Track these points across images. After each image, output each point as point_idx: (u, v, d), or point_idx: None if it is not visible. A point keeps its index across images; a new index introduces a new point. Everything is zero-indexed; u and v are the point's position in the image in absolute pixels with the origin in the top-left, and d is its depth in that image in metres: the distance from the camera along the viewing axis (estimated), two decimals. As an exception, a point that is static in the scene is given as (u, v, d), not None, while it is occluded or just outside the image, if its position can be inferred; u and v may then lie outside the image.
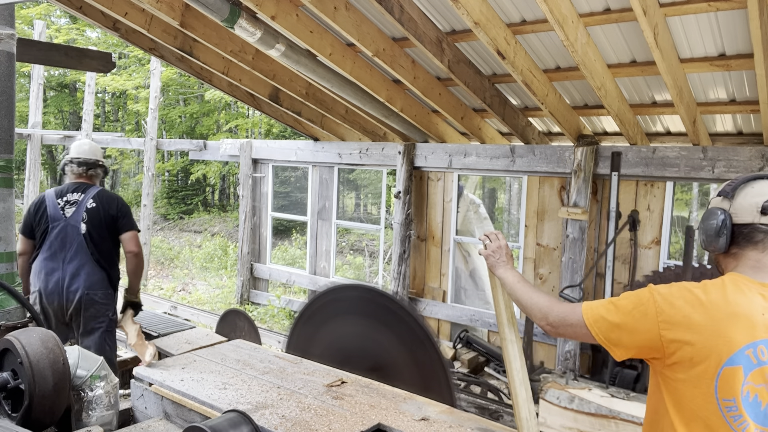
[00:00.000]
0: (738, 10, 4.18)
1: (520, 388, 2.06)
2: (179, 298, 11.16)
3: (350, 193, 21.16)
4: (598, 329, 1.66)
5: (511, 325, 2.14)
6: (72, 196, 4.13)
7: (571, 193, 6.51)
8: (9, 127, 3.11)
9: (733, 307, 1.52)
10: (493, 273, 2.12)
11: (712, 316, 1.52)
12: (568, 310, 1.75)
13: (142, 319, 4.89)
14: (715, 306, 1.53)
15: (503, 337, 2.14)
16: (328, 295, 3.27)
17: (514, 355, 2.09)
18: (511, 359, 2.09)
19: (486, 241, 2.17)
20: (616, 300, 1.69)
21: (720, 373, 1.50)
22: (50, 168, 26.89)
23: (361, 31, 5.37)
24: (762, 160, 5.58)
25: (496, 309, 2.19)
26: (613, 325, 1.64)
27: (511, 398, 2.08)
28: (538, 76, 5.56)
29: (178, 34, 6.51)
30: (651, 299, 1.60)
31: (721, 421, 1.51)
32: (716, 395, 1.51)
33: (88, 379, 2.58)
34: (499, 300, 2.17)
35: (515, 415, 2.07)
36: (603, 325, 1.66)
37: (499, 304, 2.17)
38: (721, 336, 1.50)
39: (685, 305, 1.55)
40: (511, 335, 2.13)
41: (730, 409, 1.50)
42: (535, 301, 1.86)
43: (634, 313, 1.62)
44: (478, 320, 7.66)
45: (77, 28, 21.95)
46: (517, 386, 2.06)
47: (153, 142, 12.84)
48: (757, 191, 1.62)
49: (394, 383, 2.74)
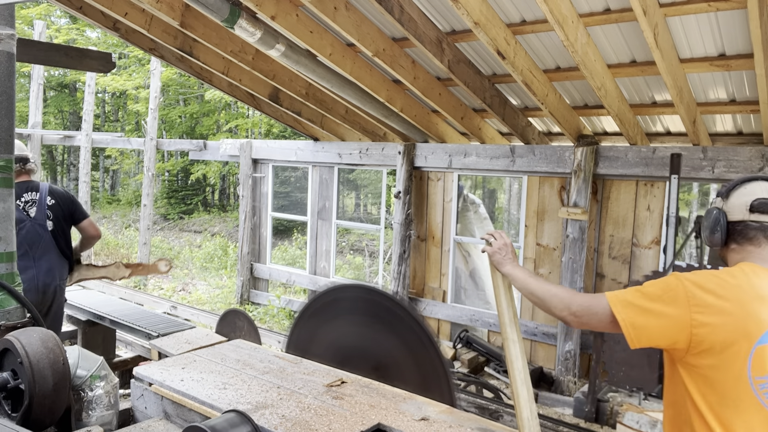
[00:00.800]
0: (738, 10, 4.18)
1: (521, 388, 2.05)
2: (179, 298, 11.16)
3: (350, 193, 21.16)
4: (625, 315, 1.67)
5: (513, 325, 2.14)
6: (28, 195, 4.29)
7: (571, 193, 6.51)
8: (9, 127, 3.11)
9: (758, 290, 1.61)
10: (499, 270, 2.11)
11: (741, 299, 1.60)
12: (591, 299, 1.77)
13: (142, 319, 4.90)
14: (742, 289, 1.61)
15: (505, 337, 2.14)
16: (328, 295, 3.26)
17: (516, 354, 2.09)
18: (513, 359, 2.08)
19: (490, 239, 2.17)
20: (641, 287, 1.72)
21: (753, 352, 1.57)
22: (50, 168, 26.89)
23: (361, 31, 5.37)
24: (762, 160, 5.58)
25: (498, 308, 2.18)
26: (642, 310, 1.66)
27: (513, 398, 2.07)
28: (538, 76, 5.56)
29: (178, 34, 6.51)
30: (680, 285, 1.65)
31: (753, 400, 1.57)
32: (749, 374, 1.57)
33: (88, 379, 2.58)
34: (502, 299, 2.16)
35: (517, 415, 2.06)
36: (630, 311, 1.67)
37: (501, 303, 2.16)
38: (751, 316, 1.58)
39: (716, 288, 1.62)
40: (513, 335, 2.12)
41: (762, 387, 1.57)
42: (554, 292, 1.86)
43: (664, 298, 1.65)
44: (478, 320, 7.66)
45: (77, 28, 21.96)
46: (518, 386, 2.06)
47: (153, 142, 12.85)
48: (748, 191, 1.75)
49: (394, 383, 2.74)
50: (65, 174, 27.04)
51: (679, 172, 6.00)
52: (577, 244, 6.48)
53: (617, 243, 6.62)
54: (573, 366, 6.52)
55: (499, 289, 2.16)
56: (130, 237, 17.41)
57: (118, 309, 5.22)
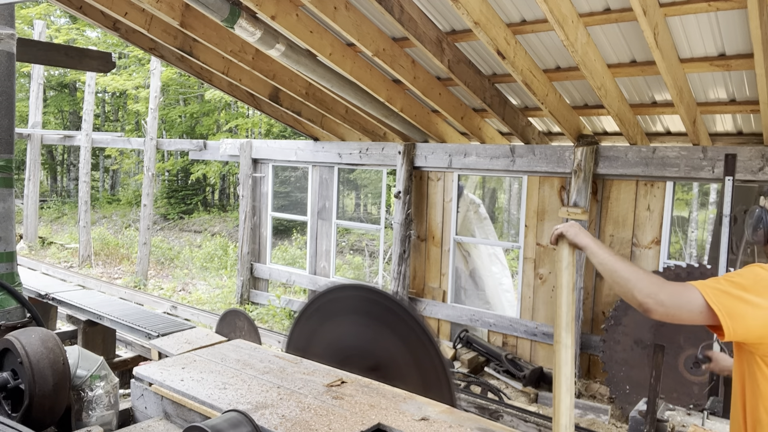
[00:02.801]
0: (738, 10, 4.18)
1: (565, 395, 1.94)
2: (179, 298, 11.16)
3: (350, 193, 21.16)
4: (720, 305, 1.59)
5: (569, 329, 1.99)
6: None
7: (571, 193, 6.51)
8: (9, 126, 3.11)
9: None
10: (577, 242, 1.93)
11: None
12: (681, 288, 1.65)
13: (142, 319, 4.89)
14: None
15: (558, 341, 1.98)
16: (328, 294, 3.26)
17: (566, 360, 1.97)
18: (562, 364, 1.97)
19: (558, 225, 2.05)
20: (728, 277, 1.67)
21: None
22: (50, 168, 26.90)
23: (361, 31, 5.37)
24: (762, 160, 5.58)
25: (558, 309, 2.00)
26: (738, 300, 1.60)
27: (554, 403, 1.97)
28: (538, 76, 5.55)
29: (178, 34, 6.51)
30: None
31: None
32: None
33: (88, 379, 2.58)
34: (563, 301, 2.00)
35: (554, 420, 1.96)
36: (727, 301, 1.60)
37: (562, 305, 2.00)
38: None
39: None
40: (568, 340, 1.99)
41: None
42: (642, 275, 1.70)
43: (756, 287, 1.61)
44: (478, 320, 7.66)
45: (77, 28, 21.96)
46: (563, 393, 1.94)
47: (153, 142, 12.84)
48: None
49: (394, 383, 2.74)
50: (65, 174, 27.04)
51: (734, 173, 5.68)
52: (577, 244, 6.46)
53: (617, 243, 6.62)
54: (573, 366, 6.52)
55: (562, 289, 2.00)
56: (130, 237, 17.40)
57: (118, 309, 5.22)
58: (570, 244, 1.99)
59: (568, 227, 1.96)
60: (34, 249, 15.56)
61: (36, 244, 15.85)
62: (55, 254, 15.22)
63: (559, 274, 2.01)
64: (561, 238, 1.99)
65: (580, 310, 6.57)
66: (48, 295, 5.55)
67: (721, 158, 5.79)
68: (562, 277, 2.00)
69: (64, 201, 24.05)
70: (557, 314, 2.01)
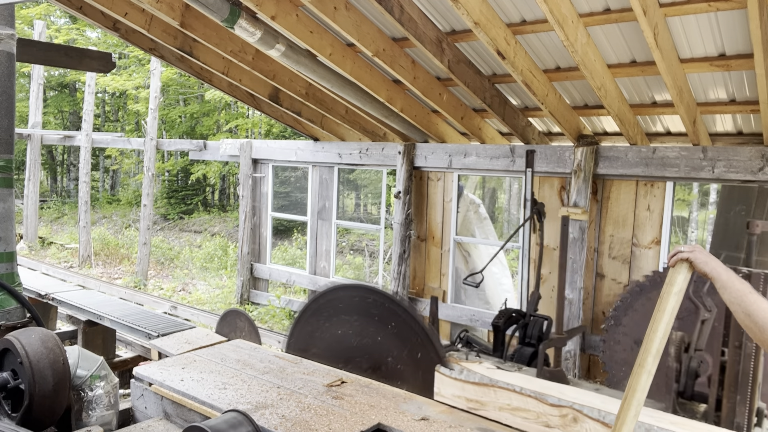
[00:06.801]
0: (738, 10, 4.18)
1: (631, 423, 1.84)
2: (179, 298, 11.16)
3: (350, 193, 21.17)
4: None
5: (657, 357, 1.87)
6: None
7: (571, 193, 6.51)
8: (9, 127, 3.11)
9: None
10: (705, 271, 1.78)
11: None
12: None
13: (142, 319, 4.90)
14: None
15: (642, 365, 1.85)
16: (328, 294, 3.27)
17: (644, 388, 1.87)
18: (638, 390, 1.86)
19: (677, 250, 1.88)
20: None
21: None
22: (50, 168, 26.90)
23: (361, 31, 5.37)
24: (762, 160, 5.58)
25: (652, 334, 1.85)
26: None
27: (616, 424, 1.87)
28: (538, 76, 5.56)
29: (178, 34, 6.51)
30: None
31: None
32: None
33: (88, 379, 2.58)
34: (661, 326, 1.85)
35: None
36: None
37: (658, 330, 1.85)
38: None
39: None
40: (653, 367, 1.87)
41: None
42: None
43: None
44: (478, 320, 7.66)
45: (77, 28, 21.97)
46: (629, 419, 1.84)
47: (153, 142, 12.85)
48: None
49: (394, 383, 2.74)
50: (65, 174, 27.04)
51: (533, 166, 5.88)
52: (577, 244, 6.47)
53: (617, 243, 6.62)
54: (573, 366, 6.52)
55: (662, 314, 1.85)
56: (130, 237, 17.40)
57: (118, 309, 5.23)
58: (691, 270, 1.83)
59: (697, 253, 1.79)
60: (34, 249, 15.57)
61: (36, 244, 15.86)
62: (55, 254, 15.23)
63: (665, 297, 1.84)
64: (682, 262, 1.82)
65: (580, 310, 6.57)
66: (48, 295, 5.55)
67: (721, 158, 5.80)
68: (668, 302, 1.84)
69: (64, 201, 24.06)
70: (649, 338, 1.86)
